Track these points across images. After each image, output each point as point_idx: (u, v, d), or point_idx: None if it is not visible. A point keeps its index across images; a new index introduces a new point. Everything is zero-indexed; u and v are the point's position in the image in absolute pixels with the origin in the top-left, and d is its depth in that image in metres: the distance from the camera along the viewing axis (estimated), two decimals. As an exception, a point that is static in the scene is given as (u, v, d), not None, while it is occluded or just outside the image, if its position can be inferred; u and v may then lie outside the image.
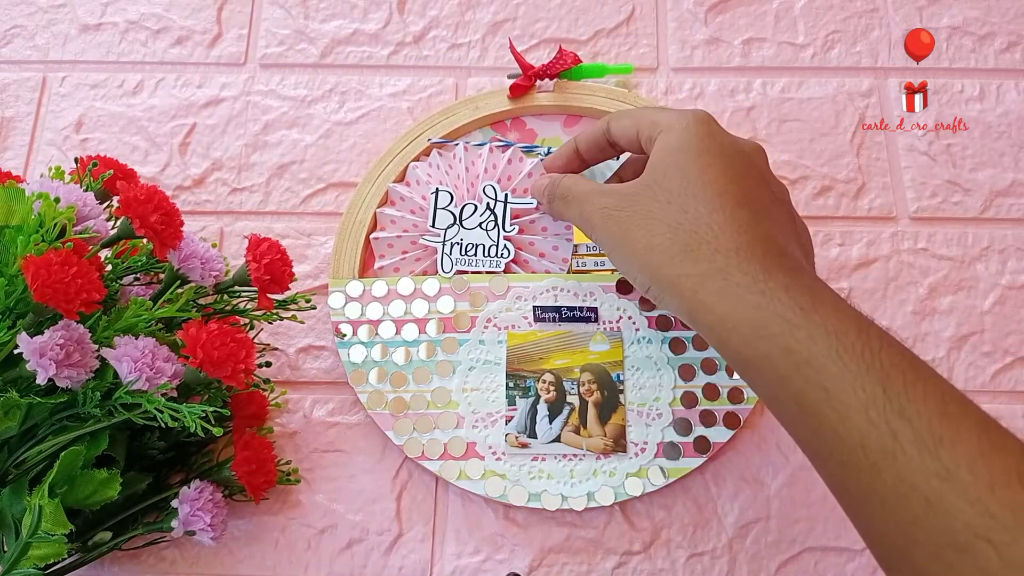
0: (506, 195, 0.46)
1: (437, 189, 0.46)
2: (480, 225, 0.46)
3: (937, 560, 0.25)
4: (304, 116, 0.56)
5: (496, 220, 0.46)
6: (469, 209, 0.46)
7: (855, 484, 0.28)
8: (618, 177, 0.46)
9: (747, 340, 0.32)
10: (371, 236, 0.46)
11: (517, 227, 0.46)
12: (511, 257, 0.46)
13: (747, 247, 0.33)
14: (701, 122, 0.38)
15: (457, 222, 0.46)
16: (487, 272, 0.47)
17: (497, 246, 0.45)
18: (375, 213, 0.50)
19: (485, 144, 0.47)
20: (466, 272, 0.47)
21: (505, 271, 0.46)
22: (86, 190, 0.40)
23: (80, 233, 0.38)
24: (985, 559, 0.24)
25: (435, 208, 0.46)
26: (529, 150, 0.51)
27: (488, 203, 0.46)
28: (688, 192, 0.36)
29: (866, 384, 0.28)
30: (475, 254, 0.46)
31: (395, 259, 0.46)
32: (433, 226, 0.46)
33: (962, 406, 0.27)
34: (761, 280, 0.32)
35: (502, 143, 0.48)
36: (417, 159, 0.52)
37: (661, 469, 0.46)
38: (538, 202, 0.47)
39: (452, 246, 0.46)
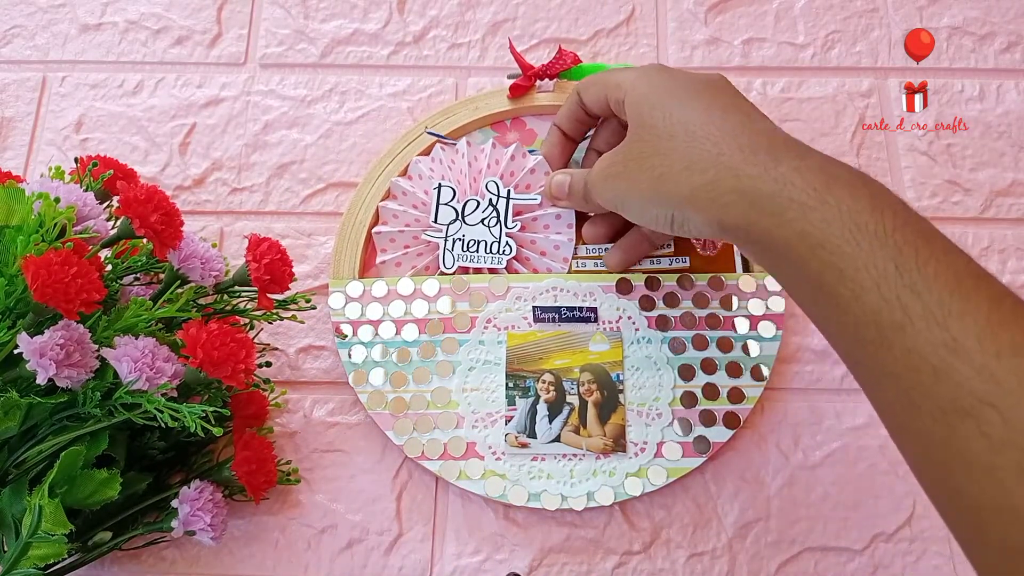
0: (508, 191, 0.45)
1: (440, 184, 0.46)
2: (482, 221, 0.45)
3: (943, 425, 0.26)
4: (304, 116, 0.56)
5: (499, 216, 0.45)
6: (472, 205, 0.45)
7: (868, 359, 0.29)
8: (594, 152, 0.47)
9: (767, 231, 0.32)
10: (373, 230, 0.46)
11: (519, 224, 0.45)
12: (513, 254, 0.45)
13: (750, 143, 0.34)
14: (660, 69, 0.39)
15: (459, 218, 0.46)
16: (488, 269, 0.46)
17: (499, 242, 0.45)
18: (377, 207, 0.50)
19: (488, 140, 0.47)
20: (468, 269, 0.46)
21: (507, 268, 0.45)
22: (86, 190, 0.40)
23: (80, 233, 0.38)
24: (989, 424, 0.24)
25: (437, 203, 0.46)
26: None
27: (491, 199, 0.45)
28: (673, 121, 0.36)
29: (878, 262, 0.28)
30: (477, 250, 0.45)
31: (396, 254, 0.46)
32: (435, 222, 0.46)
33: (977, 280, 0.28)
34: (772, 168, 0.32)
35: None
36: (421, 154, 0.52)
37: (661, 469, 0.46)
38: (550, 200, 0.47)
39: (454, 242, 0.45)
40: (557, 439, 0.46)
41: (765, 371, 0.47)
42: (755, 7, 0.59)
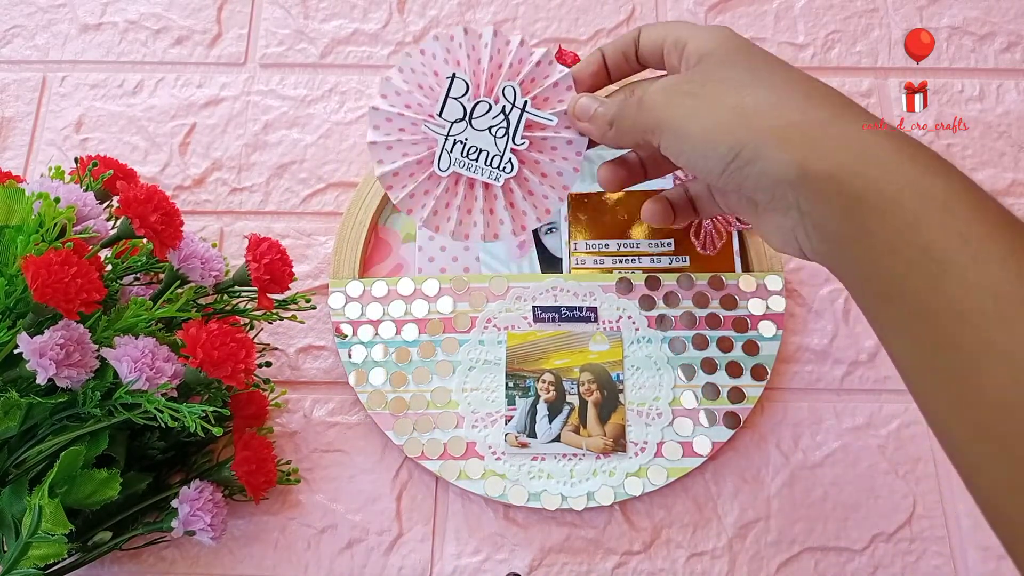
0: (526, 102, 0.40)
1: (454, 75, 0.40)
2: (490, 129, 0.40)
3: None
4: (304, 116, 0.56)
5: (508, 127, 0.40)
6: (482, 108, 0.40)
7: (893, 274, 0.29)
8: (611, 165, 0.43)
9: (874, 180, 0.29)
10: (370, 106, 0.40)
11: (528, 141, 0.40)
12: (513, 173, 0.40)
13: (842, 102, 0.32)
14: (731, 33, 0.36)
15: (466, 118, 0.40)
16: (483, 183, 0.41)
17: (502, 157, 0.40)
18: (381, 79, 0.44)
19: (518, 36, 0.40)
20: (460, 176, 0.41)
21: (503, 186, 0.40)
22: (86, 190, 0.40)
23: (80, 233, 0.38)
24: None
25: (447, 95, 0.40)
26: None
27: (504, 107, 0.40)
28: (756, 64, 0.34)
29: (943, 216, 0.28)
30: (477, 159, 0.40)
31: (389, 137, 0.40)
32: (440, 115, 0.40)
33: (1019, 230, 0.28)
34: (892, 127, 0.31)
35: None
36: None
37: (661, 469, 0.46)
38: (570, 119, 0.41)
39: (455, 143, 0.40)
40: (557, 439, 0.46)
41: (766, 371, 0.47)
42: (755, 7, 0.59)
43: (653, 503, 0.46)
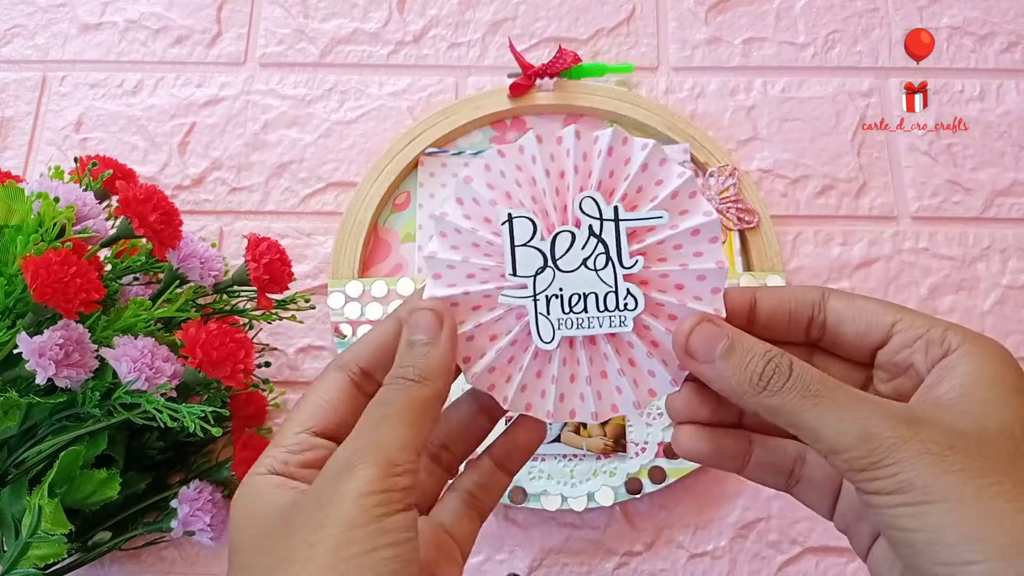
0: (616, 209, 0.29)
1: (510, 215, 0.29)
2: (584, 263, 0.29)
3: None
4: (304, 115, 0.56)
5: (607, 250, 0.29)
6: (564, 240, 0.29)
7: None
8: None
9: None
10: (424, 294, 0.29)
11: (641, 258, 0.28)
12: (641, 307, 0.28)
13: None
14: (1006, 351, 0.28)
15: (549, 263, 0.29)
16: (606, 335, 0.29)
17: (617, 292, 0.29)
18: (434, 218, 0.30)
19: (570, 128, 0.29)
20: (575, 339, 0.29)
21: (635, 330, 0.28)
22: (85, 190, 0.40)
23: (79, 233, 0.38)
24: None
25: (512, 246, 0.29)
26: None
27: (590, 226, 0.29)
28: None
29: None
30: (584, 309, 0.29)
31: (467, 327, 0.29)
32: (514, 274, 0.29)
33: None
34: None
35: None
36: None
37: (661, 469, 0.45)
38: (680, 354, 0.28)
39: (548, 301, 0.29)
40: (557, 439, 0.46)
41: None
42: (755, 7, 0.59)
43: (653, 503, 0.46)
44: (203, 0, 0.60)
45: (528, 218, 0.29)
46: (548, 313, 0.29)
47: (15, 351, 0.33)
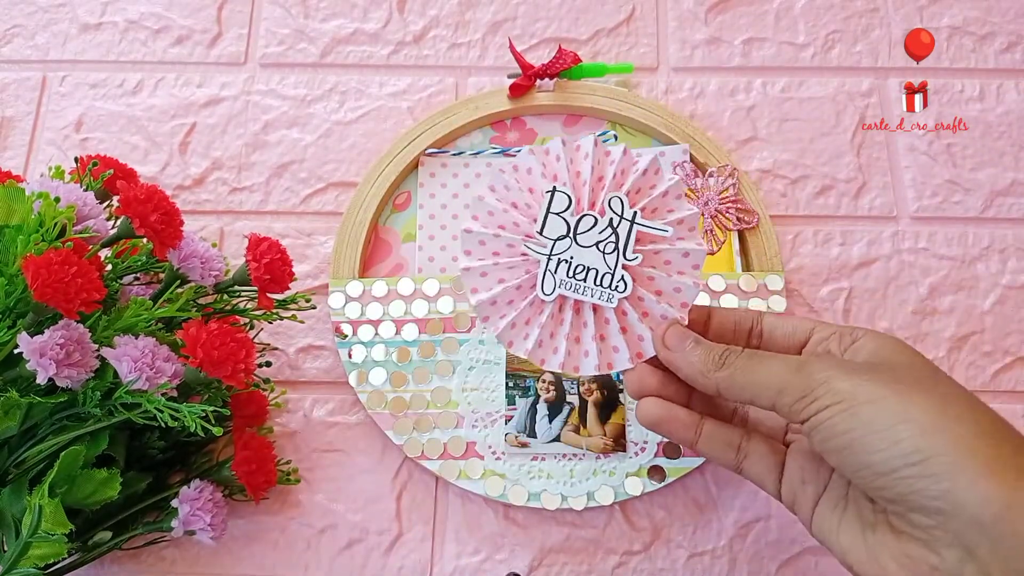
0: (635, 213, 0.36)
1: (555, 188, 0.36)
2: (596, 245, 0.36)
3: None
4: (304, 116, 0.56)
5: (617, 242, 0.36)
6: (587, 222, 0.36)
7: None
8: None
9: None
10: (462, 229, 0.37)
11: (640, 256, 0.36)
12: (627, 292, 0.36)
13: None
14: (903, 341, 0.34)
15: (571, 234, 0.36)
16: (593, 305, 0.36)
17: (613, 275, 0.36)
18: (472, 199, 0.40)
19: (621, 145, 0.37)
20: (566, 299, 0.37)
21: (616, 309, 0.36)
22: (86, 190, 0.40)
23: (80, 233, 0.38)
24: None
25: (547, 211, 0.36)
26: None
27: (612, 219, 0.36)
28: (957, 387, 0.30)
29: None
30: (584, 279, 0.36)
31: (484, 262, 0.37)
32: (541, 233, 0.36)
33: None
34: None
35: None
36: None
37: (661, 468, 0.46)
38: (655, 341, 0.36)
39: (559, 263, 0.36)
40: (557, 439, 0.46)
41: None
42: (755, 7, 0.59)
43: (653, 503, 0.46)
44: (203, 0, 0.60)
45: (567, 194, 0.36)
46: (556, 272, 0.36)
47: (15, 351, 0.33)
